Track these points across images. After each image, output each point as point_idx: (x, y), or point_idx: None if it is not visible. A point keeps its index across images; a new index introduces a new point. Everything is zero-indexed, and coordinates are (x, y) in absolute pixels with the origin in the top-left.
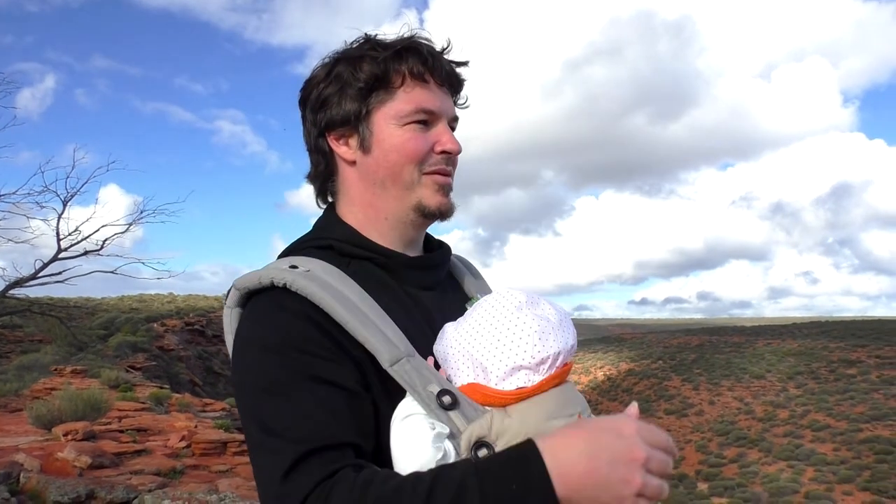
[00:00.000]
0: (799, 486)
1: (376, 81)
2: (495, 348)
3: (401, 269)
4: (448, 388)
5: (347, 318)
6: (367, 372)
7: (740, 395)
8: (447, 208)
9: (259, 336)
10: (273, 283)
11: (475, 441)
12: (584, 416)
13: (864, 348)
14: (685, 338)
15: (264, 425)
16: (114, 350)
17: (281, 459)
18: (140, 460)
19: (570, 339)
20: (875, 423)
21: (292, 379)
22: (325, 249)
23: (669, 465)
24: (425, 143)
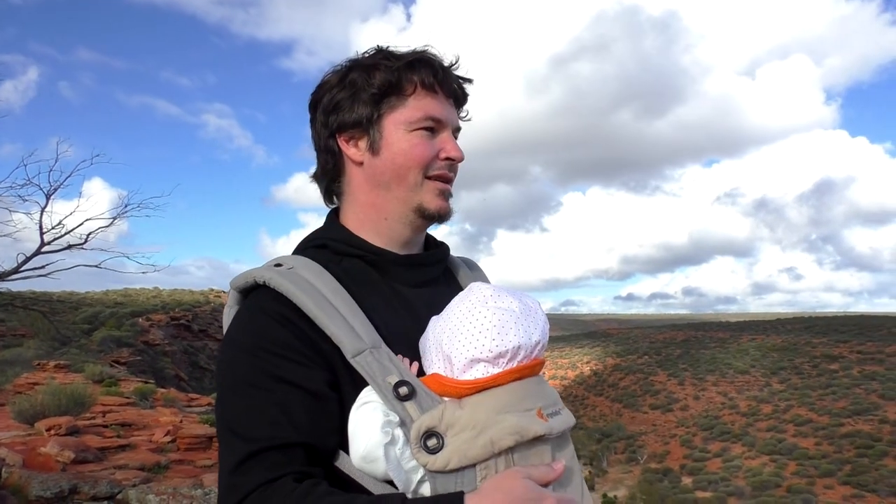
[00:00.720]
0: (781, 480)
1: (389, 88)
2: (458, 340)
3: (389, 266)
4: (406, 379)
5: (317, 312)
6: (336, 367)
7: (725, 389)
8: (446, 212)
9: (236, 336)
10: (256, 282)
11: (424, 431)
12: (545, 412)
13: (846, 344)
14: (671, 333)
15: (225, 421)
16: (98, 345)
17: (232, 455)
18: (124, 455)
19: (534, 334)
20: (856, 418)
21: (256, 379)
22: (321, 248)
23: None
24: (431, 149)
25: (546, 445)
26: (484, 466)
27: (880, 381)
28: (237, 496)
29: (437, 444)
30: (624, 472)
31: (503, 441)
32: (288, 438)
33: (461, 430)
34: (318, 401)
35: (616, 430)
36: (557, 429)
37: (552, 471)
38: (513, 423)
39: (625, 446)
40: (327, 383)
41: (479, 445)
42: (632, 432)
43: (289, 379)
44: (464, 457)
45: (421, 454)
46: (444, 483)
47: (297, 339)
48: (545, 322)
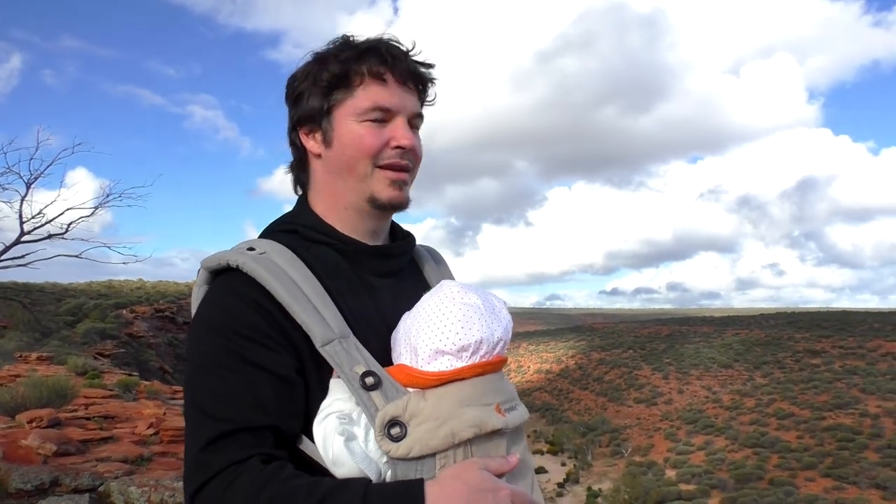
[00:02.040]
0: (764, 473)
1: (338, 80)
2: (424, 332)
3: (358, 256)
4: (373, 370)
5: (288, 299)
6: (303, 354)
7: (708, 384)
8: (399, 201)
9: (207, 316)
10: (229, 265)
11: (388, 420)
12: (503, 408)
13: (828, 339)
14: (655, 328)
15: (195, 400)
16: (81, 337)
17: (201, 435)
18: (107, 447)
19: (497, 329)
20: (838, 412)
21: (226, 360)
22: (291, 233)
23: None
24: (380, 138)
25: (502, 439)
26: (443, 456)
27: (861, 376)
28: (206, 474)
29: (401, 432)
30: (608, 465)
31: (463, 433)
32: (258, 421)
33: (424, 421)
34: (286, 385)
35: (601, 424)
36: (513, 423)
37: (507, 463)
38: (473, 416)
39: (609, 440)
40: (294, 369)
41: (440, 436)
42: (616, 426)
43: (259, 363)
44: (425, 446)
45: (384, 442)
46: (404, 470)
47: (267, 324)
48: (509, 321)
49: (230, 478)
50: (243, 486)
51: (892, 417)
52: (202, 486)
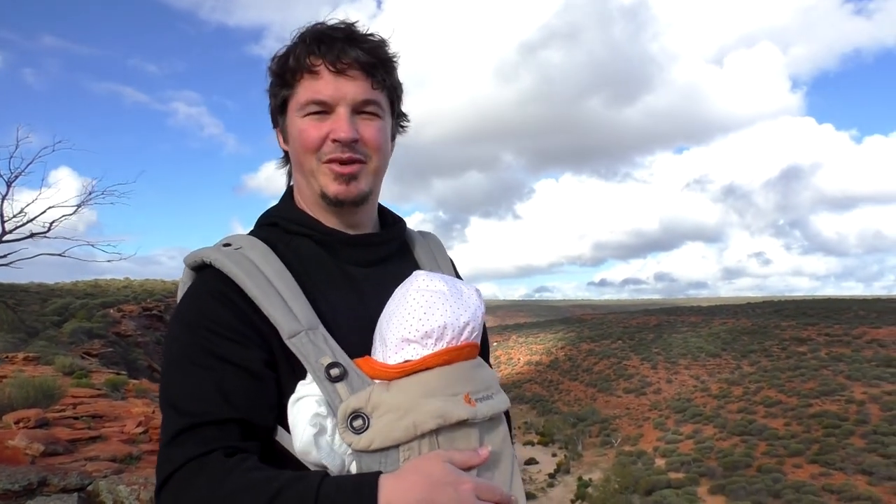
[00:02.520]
0: (752, 461)
1: (280, 76)
2: (391, 322)
3: (338, 246)
4: (339, 361)
5: (257, 293)
6: (273, 347)
7: (697, 373)
8: (346, 196)
9: (182, 312)
10: (204, 261)
11: (351, 412)
12: (474, 397)
13: (814, 326)
14: (644, 318)
15: (165, 394)
16: (68, 336)
17: (169, 428)
18: (95, 447)
19: (462, 314)
20: (824, 399)
21: (196, 355)
22: (273, 227)
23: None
24: (319, 132)
25: (473, 429)
26: (407, 448)
27: (847, 363)
28: (171, 467)
29: (363, 424)
30: (598, 455)
31: (426, 424)
32: (223, 414)
33: (386, 412)
34: (255, 379)
35: (590, 415)
36: (484, 413)
37: (476, 456)
38: (436, 406)
39: (599, 430)
40: (264, 363)
41: (401, 427)
42: (606, 416)
43: (227, 357)
44: (386, 438)
45: (347, 434)
46: (368, 463)
47: (236, 318)
48: (478, 306)
49: (192, 471)
50: (204, 478)
51: (877, 403)
52: (167, 480)
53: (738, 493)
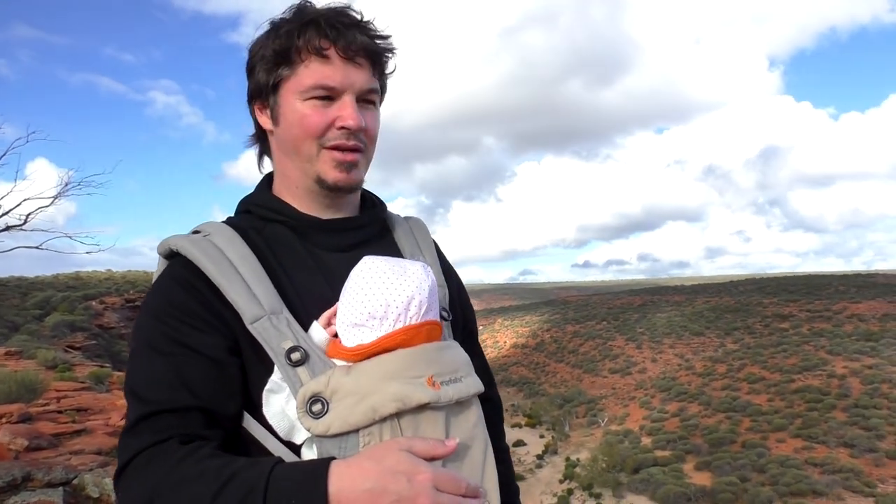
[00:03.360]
0: (736, 437)
1: (282, 55)
2: (340, 311)
3: (310, 231)
4: (300, 345)
5: (220, 279)
6: (237, 333)
7: (681, 351)
8: (345, 183)
9: (148, 300)
10: (171, 249)
11: (310, 396)
12: (438, 380)
13: (795, 303)
14: (628, 298)
15: (128, 382)
16: (51, 330)
17: (129, 416)
18: (80, 440)
19: (405, 289)
20: (806, 374)
21: (159, 342)
22: (247, 214)
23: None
24: (324, 118)
25: (438, 413)
26: (367, 433)
27: (828, 338)
28: (127, 456)
29: (322, 409)
30: (585, 435)
31: (385, 408)
32: (182, 402)
33: (345, 396)
34: (217, 366)
35: (577, 395)
36: (450, 397)
37: (441, 446)
38: (396, 390)
39: (586, 410)
40: (227, 349)
41: (360, 412)
42: (592, 396)
43: (188, 343)
44: (344, 422)
45: (306, 418)
46: (328, 448)
47: (200, 304)
48: (422, 280)
49: (147, 458)
50: (157, 466)
51: (858, 377)
52: (124, 468)
53: (723, 469)
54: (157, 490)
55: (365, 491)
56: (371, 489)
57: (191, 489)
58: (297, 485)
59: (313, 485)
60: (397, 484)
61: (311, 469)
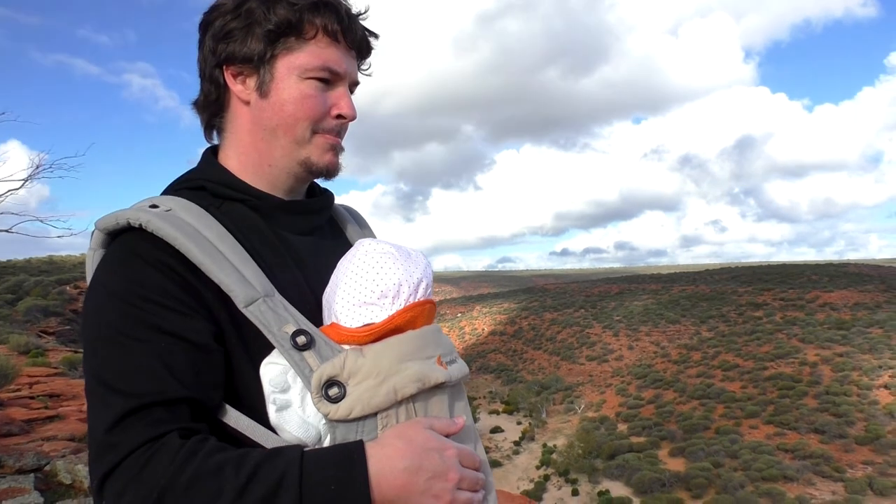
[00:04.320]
0: (710, 423)
1: (288, 27)
2: (344, 291)
3: (273, 211)
4: (304, 328)
5: (203, 259)
6: (220, 318)
7: (657, 339)
8: (335, 167)
9: (107, 281)
10: (129, 224)
11: (325, 380)
12: (444, 360)
13: (769, 292)
14: (605, 286)
15: (97, 374)
16: (23, 315)
17: (108, 412)
18: (53, 426)
19: (415, 271)
20: (779, 361)
21: (132, 328)
22: (198, 190)
23: (479, 482)
24: (323, 103)
25: (444, 394)
26: (385, 415)
27: (801, 326)
28: (116, 456)
29: (339, 393)
30: (562, 422)
31: (406, 388)
32: (172, 393)
33: (364, 379)
34: (203, 353)
35: (554, 382)
36: (456, 376)
37: (454, 424)
38: (416, 370)
39: (563, 397)
40: (212, 335)
41: (382, 393)
42: (569, 383)
43: (170, 329)
44: (367, 405)
45: (322, 404)
46: (344, 432)
47: (177, 286)
48: (428, 265)
49: (145, 457)
50: (161, 464)
51: (829, 365)
52: (112, 470)
53: (697, 455)
54: (168, 490)
55: (403, 469)
56: (408, 467)
57: (211, 485)
58: (335, 469)
59: (352, 467)
60: (431, 460)
61: (345, 453)
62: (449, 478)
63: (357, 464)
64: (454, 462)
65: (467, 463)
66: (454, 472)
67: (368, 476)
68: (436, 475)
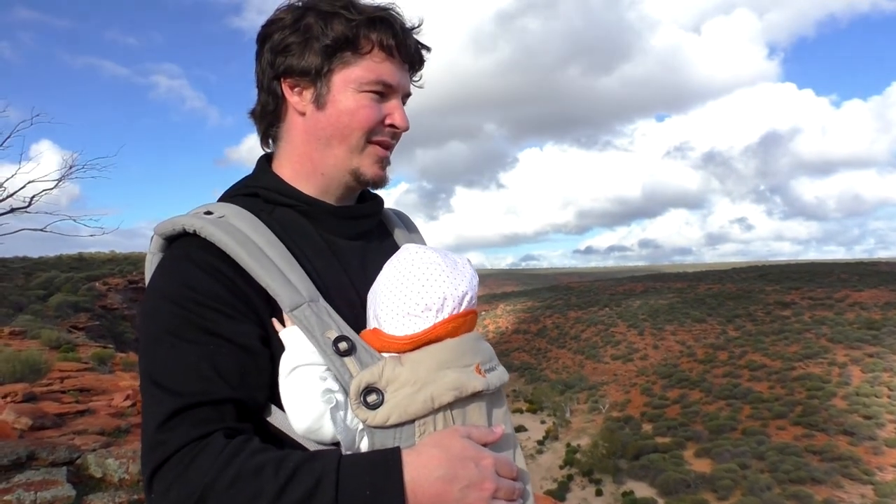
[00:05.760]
0: (737, 424)
1: (345, 42)
2: (387, 299)
3: (323, 216)
4: (346, 335)
5: (251, 264)
6: (266, 322)
7: (683, 338)
8: (381, 180)
9: (162, 285)
10: (185, 230)
11: (364, 387)
12: (482, 368)
13: (797, 290)
14: (630, 285)
15: (150, 373)
16: (54, 310)
17: (158, 410)
18: (83, 420)
19: (460, 284)
20: (807, 362)
21: (183, 330)
22: (252, 197)
23: (516, 491)
24: (378, 113)
25: (483, 401)
26: (423, 423)
27: (829, 326)
28: (164, 453)
29: (377, 399)
30: (587, 421)
31: (443, 397)
32: (219, 393)
33: (401, 386)
34: (249, 355)
35: (578, 381)
36: (494, 384)
37: (492, 433)
38: (453, 378)
39: (587, 396)
40: (258, 338)
41: (419, 401)
42: (594, 383)
43: (218, 332)
44: (404, 412)
45: (361, 410)
46: (382, 438)
47: (227, 290)
48: (473, 276)
49: (191, 455)
50: (206, 463)
51: (858, 365)
52: (160, 466)
53: (723, 456)
54: (211, 488)
55: (438, 478)
56: (443, 476)
57: (251, 485)
58: (371, 475)
59: (387, 474)
60: (466, 469)
61: (381, 459)
62: (484, 487)
63: (393, 471)
64: (490, 472)
65: (504, 472)
66: (490, 482)
67: (404, 483)
68: (471, 485)
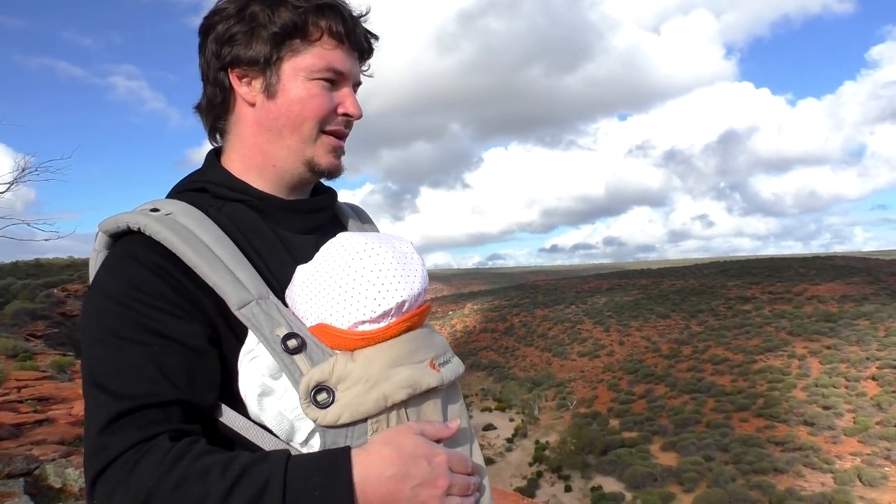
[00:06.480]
0: (701, 417)
1: (293, 30)
2: (336, 303)
3: (274, 211)
4: (296, 332)
5: (197, 262)
6: (215, 320)
7: (648, 334)
8: (336, 169)
9: (105, 284)
10: (129, 227)
11: (314, 385)
12: (436, 362)
13: (757, 285)
14: (596, 282)
15: (93, 376)
16: (10, 318)
17: (101, 413)
18: (42, 430)
19: (415, 282)
20: (768, 354)
21: (128, 331)
22: (200, 192)
23: (471, 487)
24: (330, 102)
25: (438, 396)
26: (375, 420)
27: (789, 319)
28: (107, 457)
29: (328, 398)
30: (555, 418)
31: (396, 395)
32: (165, 395)
33: (353, 385)
34: (196, 356)
35: (546, 379)
36: (449, 378)
37: (446, 429)
38: (406, 376)
39: (555, 393)
40: (206, 338)
41: (371, 400)
42: (561, 380)
43: (164, 332)
44: (355, 411)
45: (311, 409)
46: (334, 437)
47: (173, 290)
48: (423, 266)
49: (134, 459)
50: (149, 466)
51: (817, 357)
52: (102, 471)
53: (688, 449)
54: (155, 492)
55: (389, 477)
56: (395, 475)
57: (196, 489)
58: (319, 476)
59: (336, 474)
60: (418, 467)
61: (330, 459)
62: (437, 485)
63: (342, 471)
64: (443, 469)
65: (458, 468)
66: (443, 479)
67: (353, 484)
68: (423, 483)
